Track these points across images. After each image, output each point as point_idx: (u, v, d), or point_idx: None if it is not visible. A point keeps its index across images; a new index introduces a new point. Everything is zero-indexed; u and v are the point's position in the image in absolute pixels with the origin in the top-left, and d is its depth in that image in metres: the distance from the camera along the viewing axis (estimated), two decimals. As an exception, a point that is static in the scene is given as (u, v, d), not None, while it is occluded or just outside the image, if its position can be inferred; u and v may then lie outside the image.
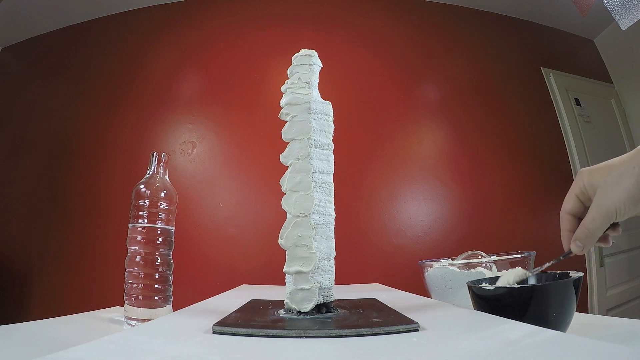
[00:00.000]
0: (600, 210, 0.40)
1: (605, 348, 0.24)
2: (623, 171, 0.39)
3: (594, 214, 0.41)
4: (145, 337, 0.31)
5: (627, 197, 0.38)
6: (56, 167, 1.79)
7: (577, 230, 0.43)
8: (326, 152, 0.44)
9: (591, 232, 0.41)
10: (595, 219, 0.41)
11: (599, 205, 0.40)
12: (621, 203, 0.39)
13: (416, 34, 1.92)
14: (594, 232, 0.41)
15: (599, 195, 0.41)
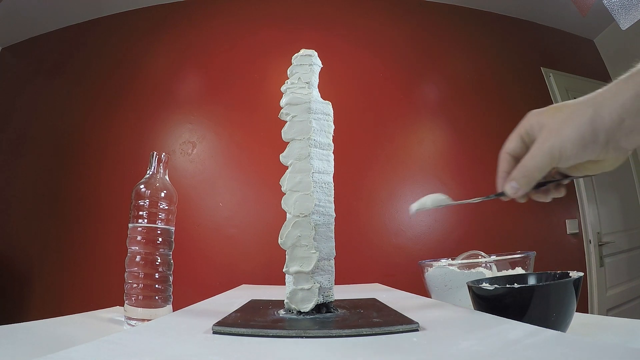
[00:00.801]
0: (542, 147, 0.35)
1: (605, 348, 0.24)
2: (575, 110, 0.34)
3: (535, 150, 0.36)
4: (145, 337, 0.31)
5: (576, 136, 0.33)
6: (56, 167, 1.79)
7: (515, 170, 0.38)
8: (326, 152, 0.44)
9: (529, 170, 0.37)
10: (535, 156, 0.36)
11: (543, 141, 0.35)
12: (568, 142, 0.34)
13: (416, 34, 1.92)
14: (531, 171, 0.36)
15: (544, 132, 0.36)
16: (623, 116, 0.31)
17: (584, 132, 0.33)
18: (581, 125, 0.33)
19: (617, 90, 0.32)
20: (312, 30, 1.86)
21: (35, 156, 1.83)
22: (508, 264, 0.62)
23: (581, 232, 1.88)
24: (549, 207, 1.86)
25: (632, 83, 0.30)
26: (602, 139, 0.33)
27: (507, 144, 0.40)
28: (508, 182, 0.39)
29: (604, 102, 0.32)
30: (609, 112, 0.32)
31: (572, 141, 0.34)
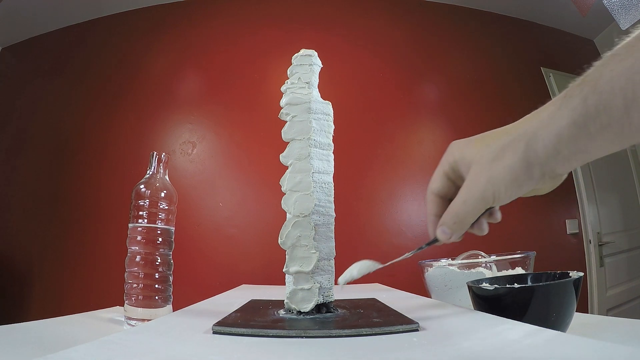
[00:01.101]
0: (473, 191, 0.32)
1: (605, 348, 0.24)
2: (505, 144, 0.31)
3: (466, 195, 0.33)
4: (145, 337, 0.31)
5: (510, 177, 0.31)
6: (56, 167, 1.79)
7: (445, 213, 0.35)
8: (326, 152, 0.44)
9: (460, 217, 0.34)
10: (467, 202, 0.33)
11: (473, 185, 0.32)
12: (501, 185, 0.31)
13: (416, 34, 1.92)
14: (463, 218, 0.34)
15: (473, 173, 0.32)
16: (559, 147, 0.29)
17: (518, 172, 0.31)
18: (514, 164, 0.30)
19: (549, 119, 0.29)
20: (312, 30, 1.86)
21: (35, 156, 1.83)
22: (508, 264, 0.62)
23: (581, 232, 1.88)
24: (549, 207, 1.86)
25: (566, 110, 0.28)
26: (538, 174, 0.31)
27: (432, 184, 0.37)
28: (439, 228, 0.36)
29: (537, 134, 0.30)
30: (544, 145, 0.29)
31: (506, 183, 0.31)
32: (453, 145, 0.37)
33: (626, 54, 0.26)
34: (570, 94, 0.28)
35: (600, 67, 0.27)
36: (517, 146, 0.30)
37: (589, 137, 0.28)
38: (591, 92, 0.27)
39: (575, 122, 0.28)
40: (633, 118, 0.26)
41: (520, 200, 1.59)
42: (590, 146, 0.28)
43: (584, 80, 0.28)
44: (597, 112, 0.27)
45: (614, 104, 0.26)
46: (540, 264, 0.65)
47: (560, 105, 0.29)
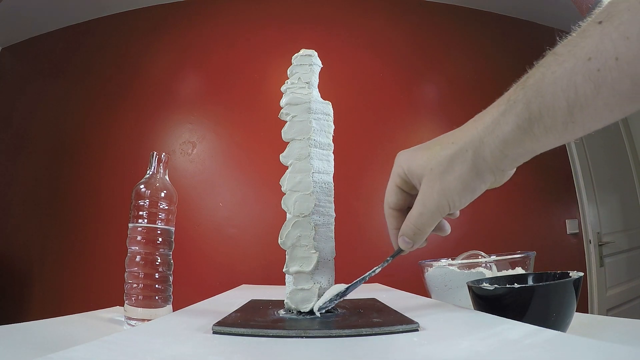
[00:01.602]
0: (428, 204, 0.34)
1: (605, 348, 0.24)
2: (454, 155, 0.32)
3: (422, 208, 0.34)
4: (145, 337, 0.31)
5: (462, 187, 0.32)
6: (56, 167, 1.79)
7: (404, 225, 0.36)
8: (326, 152, 0.44)
9: (419, 228, 0.35)
10: (424, 214, 0.34)
11: (427, 198, 0.34)
12: (455, 195, 0.32)
13: (416, 34, 1.92)
14: (422, 228, 0.35)
15: (426, 186, 0.34)
16: (505, 151, 0.30)
17: (469, 180, 0.32)
18: (464, 174, 0.32)
19: (494, 125, 0.30)
20: (312, 30, 1.86)
21: (35, 156, 1.83)
22: (508, 264, 0.62)
23: (581, 232, 1.88)
24: (549, 207, 1.86)
25: (510, 116, 0.29)
26: (488, 178, 0.32)
27: (388, 198, 0.39)
28: (400, 238, 0.37)
29: (484, 141, 0.30)
30: (491, 151, 0.30)
31: (459, 192, 0.32)
32: (400, 157, 0.37)
33: (568, 55, 0.27)
34: (514, 98, 0.29)
35: (542, 69, 0.28)
36: (465, 156, 0.31)
37: (533, 139, 0.29)
38: (534, 96, 0.28)
39: (520, 127, 0.29)
40: (576, 117, 0.27)
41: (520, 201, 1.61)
42: (535, 146, 0.30)
43: (526, 83, 0.29)
44: (541, 116, 0.28)
45: (557, 106, 0.27)
46: (540, 264, 0.65)
47: (504, 111, 0.29)
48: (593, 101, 0.26)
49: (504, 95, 0.30)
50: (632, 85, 0.25)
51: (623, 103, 0.26)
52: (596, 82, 0.25)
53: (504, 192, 1.96)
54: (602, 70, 0.25)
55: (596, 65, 0.25)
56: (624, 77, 0.25)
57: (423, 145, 0.36)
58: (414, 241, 0.37)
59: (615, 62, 0.24)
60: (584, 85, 0.26)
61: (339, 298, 0.39)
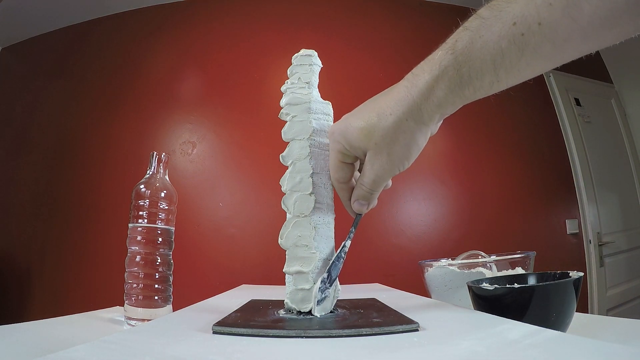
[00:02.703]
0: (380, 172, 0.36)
1: (605, 348, 0.24)
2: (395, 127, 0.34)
3: (373, 176, 0.37)
4: (145, 337, 0.31)
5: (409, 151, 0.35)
6: (56, 167, 1.79)
7: (357, 191, 0.39)
8: (326, 152, 0.44)
9: (373, 190, 0.39)
10: (376, 181, 0.37)
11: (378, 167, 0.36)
12: (404, 160, 0.36)
13: (416, 34, 1.92)
14: (376, 189, 0.39)
15: (374, 158, 0.36)
16: (441, 111, 0.33)
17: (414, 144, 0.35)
18: (409, 141, 0.35)
19: (428, 91, 0.32)
20: (312, 31, 1.86)
21: (36, 156, 1.83)
22: (508, 264, 0.62)
23: (581, 232, 1.88)
24: (549, 207, 1.86)
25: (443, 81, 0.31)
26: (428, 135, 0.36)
27: (335, 174, 0.40)
28: (355, 202, 0.40)
29: (421, 108, 0.33)
30: (428, 115, 0.33)
31: (408, 157, 0.36)
32: (334, 133, 0.39)
33: (494, 19, 0.29)
34: (445, 63, 0.31)
35: (469, 32, 0.30)
36: (407, 125, 0.34)
37: (463, 98, 0.33)
38: (464, 61, 0.30)
39: (452, 91, 0.32)
40: (501, 77, 0.30)
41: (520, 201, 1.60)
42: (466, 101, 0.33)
43: (455, 47, 0.31)
44: (470, 79, 0.31)
45: (485, 69, 0.30)
46: (540, 264, 0.65)
47: (437, 77, 0.32)
48: (517, 63, 0.28)
49: (434, 58, 0.32)
50: (552, 48, 0.27)
51: (543, 64, 0.29)
52: (520, 46, 0.28)
53: (504, 192, 1.96)
54: (525, 35, 0.27)
55: (520, 29, 0.27)
56: (545, 41, 0.27)
57: (355, 115, 0.38)
58: (370, 203, 0.40)
59: (538, 27, 0.27)
60: (509, 49, 0.28)
61: (327, 285, 0.39)
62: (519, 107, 1.91)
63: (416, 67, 0.34)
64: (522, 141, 1.88)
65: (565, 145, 1.95)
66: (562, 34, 0.26)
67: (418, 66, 0.34)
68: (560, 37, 0.27)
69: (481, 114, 1.84)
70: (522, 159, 1.85)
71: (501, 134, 1.85)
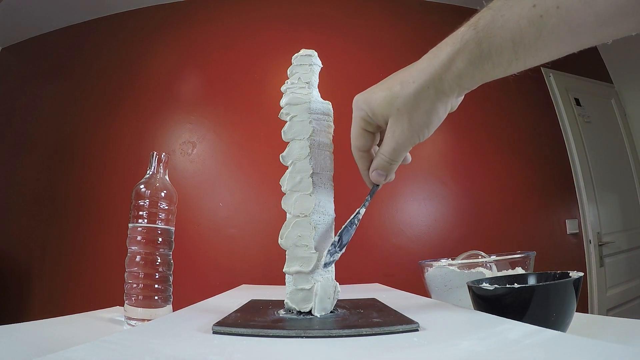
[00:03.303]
0: (401, 140, 0.37)
1: (605, 348, 0.24)
2: (416, 94, 0.35)
3: (394, 144, 0.37)
4: (145, 337, 0.31)
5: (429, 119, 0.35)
6: (56, 167, 1.79)
7: (377, 160, 0.39)
8: (326, 152, 0.44)
9: (393, 160, 0.39)
10: (396, 149, 0.37)
11: (399, 133, 0.36)
12: (424, 127, 0.36)
13: (416, 34, 1.92)
14: (396, 159, 0.39)
15: (395, 125, 0.36)
16: (460, 84, 0.34)
17: (434, 112, 0.35)
18: (429, 109, 0.35)
19: (449, 62, 0.33)
20: (312, 31, 1.86)
21: (35, 156, 1.83)
22: (508, 264, 0.61)
23: (581, 232, 1.88)
24: (549, 207, 1.86)
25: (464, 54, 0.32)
26: (449, 105, 0.36)
27: (355, 142, 0.42)
28: (374, 172, 0.40)
29: (442, 78, 0.34)
30: (449, 85, 0.34)
31: (428, 125, 0.36)
32: (359, 101, 0.41)
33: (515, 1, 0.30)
34: (467, 37, 0.32)
35: (492, 12, 0.32)
36: (427, 93, 0.35)
37: (483, 72, 0.33)
38: (485, 37, 0.31)
39: (472, 63, 0.33)
40: (519, 56, 0.31)
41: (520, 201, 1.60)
42: (484, 77, 0.34)
43: (477, 24, 0.32)
44: (490, 54, 0.32)
45: (504, 46, 0.31)
46: (540, 264, 0.65)
47: (459, 49, 0.33)
48: (535, 43, 0.30)
49: (457, 33, 0.34)
50: (569, 31, 0.28)
51: (560, 46, 0.30)
52: (538, 27, 0.29)
53: (504, 192, 1.96)
54: (544, 17, 0.28)
55: (539, 11, 0.28)
56: (562, 24, 0.28)
57: (380, 85, 0.39)
58: (388, 173, 0.40)
59: (557, 10, 0.28)
60: (528, 29, 0.29)
61: (337, 249, 0.39)
62: (519, 106, 1.91)
63: (440, 42, 0.35)
64: (522, 141, 1.88)
65: (565, 145, 1.95)
66: (577, 19, 0.27)
67: (442, 41, 0.35)
68: (576, 21, 0.27)
69: (481, 114, 1.84)
70: (522, 159, 1.85)
71: (501, 133, 1.85)
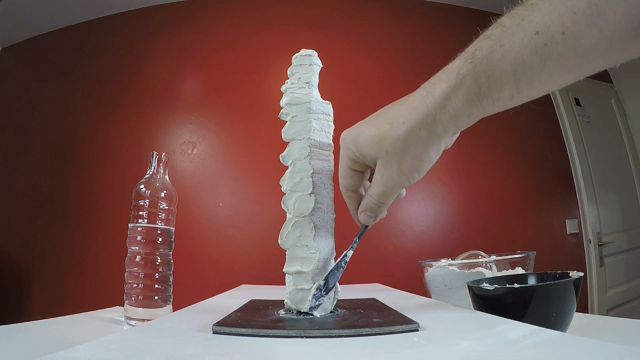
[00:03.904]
0: (389, 184, 0.35)
1: (605, 348, 0.24)
2: (407, 136, 0.32)
3: (383, 187, 0.35)
4: (145, 337, 0.31)
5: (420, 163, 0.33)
6: (56, 167, 1.79)
7: (365, 202, 0.37)
8: (326, 152, 0.44)
9: (382, 202, 0.37)
10: (385, 192, 0.35)
11: (388, 178, 0.35)
12: (414, 172, 0.34)
13: (416, 34, 1.92)
14: (385, 202, 0.37)
15: (384, 168, 0.34)
16: (456, 123, 0.31)
17: (426, 156, 0.33)
18: (420, 152, 0.33)
19: (444, 101, 0.31)
20: (312, 31, 1.86)
21: (36, 156, 1.83)
22: (508, 264, 0.62)
23: (581, 232, 1.88)
24: (549, 207, 1.86)
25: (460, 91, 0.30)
26: (442, 148, 0.34)
27: (343, 182, 0.39)
28: (362, 213, 0.38)
29: (436, 118, 0.31)
30: (443, 126, 0.31)
31: (418, 169, 0.34)
32: (346, 139, 0.37)
33: (516, 28, 0.27)
34: (463, 72, 0.29)
35: (490, 41, 0.29)
36: (419, 135, 0.32)
37: (481, 110, 0.30)
38: (483, 71, 0.28)
39: (470, 101, 0.30)
40: (522, 89, 0.28)
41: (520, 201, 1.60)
42: (484, 114, 0.31)
43: (474, 56, 0.29)
44: (490, 90, 0.29)
45: (505, 80, 0.28)
46: (540, 264, 0.65)
47: (454, 86, 0.30)
48: (539, 74, 0.27)
49: (451, 66, 0.31)
50: (576, 58, 0.26)
51: (566, 75, 0.27)
52: (542, 56, 0.26)
53: (503, 192, 1.96)
54: (548, 45, 0.26)
55: (543, 39, 0.26)
56: (569, 51, 0.26)
57: (368, 122, 0.37)
58: (377, 215, 0.38)
59: (562, 36, 0.25)
60: (531, 59, 0.27)
61: (323, 293, 0.38)
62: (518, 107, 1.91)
63: (433, 76, 0.32)
64: (522, 141, 1.88)
65: (565, 145, 1.95)
66: (586, 44, 0.25)
67: (435, 75, 0.32)
68: (584, 47, 0.25)
69: (481, 114, 1.83)
70: (522, 159, 1.85)
71: (501, 133, 1.85)
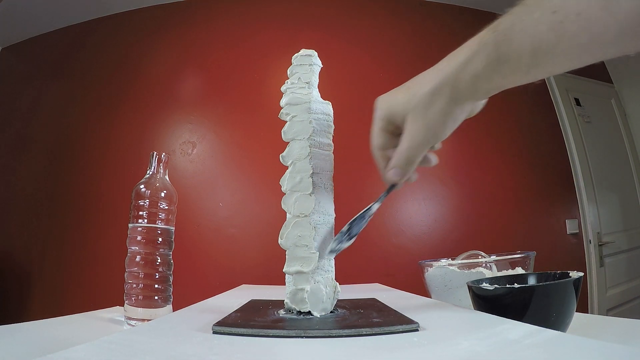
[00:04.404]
0: (416, 137, 0.36)
1: (605, 348, 0.24)
2: (432, 92, 0.35)
3: (410, 142, 0.37)
4: (145, 337, 0.31)
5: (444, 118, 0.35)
6: (57, 167, 1.79)
7: (394, 158, 0.38)
8: (326, 152, 0.44)
9: (410, 159, 0.38)
10: (412, 147, 0.37)
11: (414, 131, 0.36)
12: (439, 126, 0.36)
13: (416, 34, 1.92)
14: (412, 158, 0.38)
15: (411, 123, 0.36)
16: (477, 85, 0.33)
17: (449, 111, 0.35)
18: (444, 107, 0.35)
19: (466, 62, 0.33)
20: (312, 31, 1.86)
21: (36, 156, 1.83)
22: (508, 264, 0.62)
23: (581, 232, 1.88)
24: (549, 207, 1.86)
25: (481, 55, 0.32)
26: (466, 107, 0.36)
27: (374, 141, 0.41)
28: (391, 170, 0.39)
29: (458, 77, 0.34)
30: (465, 85, 0.34)
31: (443, 123, 0.36)
32: (380, 101, 0.40)
33: (535, 6, 0.30)
34: (485, 40, 0.32)
35: (512, 17, 0.31)
36: (443, 91, 0.35)
37: (501, 76, 0.32)
38: (503, 40, 0.31)
39: (489, 65, 0.32)
40: (538, 62, 0.30)
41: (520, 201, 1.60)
42: (503, 82, 0.33)
43: (497, 28, 0.32)
44: (508, 58, 0.31)
45: (522, 50, 0.30)
46: (540, 264, 0.65)
47: (476, 51, 0.32)
48: (553, 49, 0.29)
49: (476, 37, 0.33)
50: (589, 38, 0.28)
51: (580, 53, 0.29)
52: (558, 33, 0.28)
53: (503, 192, 1.95)
54: (564, 23, 0.28)
55: (559, 17, 0.28)
56: (582, 31, 0.27)
57: (401, 87, 0.39)
58: (405, 172, 0.39)
59: (577, 17, 0.27)
60: (547, 34, 0.29)
61: (346, 239, 0.40)
62: (519, 107, 1.91)
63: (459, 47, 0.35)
64: (522, 141, 1.88)
65: (565, 145, 1.95)
66: (598, 26, 0.27)
67: (461, 46, 0.35)
68: (596, 29, 0.27)
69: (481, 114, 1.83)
70: (522, 159, 1.85)
71: (501, 133, 1.85)
